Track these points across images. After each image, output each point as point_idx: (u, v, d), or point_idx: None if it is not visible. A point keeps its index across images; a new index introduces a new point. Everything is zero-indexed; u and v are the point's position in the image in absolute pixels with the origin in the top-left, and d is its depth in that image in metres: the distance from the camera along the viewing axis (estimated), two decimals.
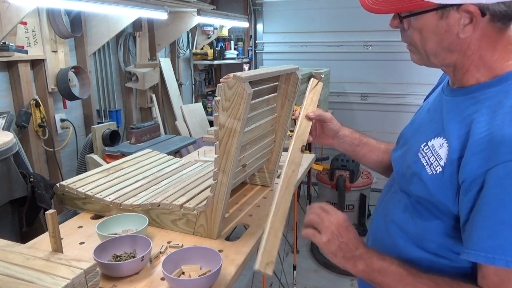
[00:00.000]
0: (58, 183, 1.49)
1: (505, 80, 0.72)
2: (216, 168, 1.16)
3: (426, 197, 0.79)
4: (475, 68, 0.75)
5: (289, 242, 3.09)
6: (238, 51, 4.73)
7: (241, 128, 1.10)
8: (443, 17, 0.72)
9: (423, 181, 0.79)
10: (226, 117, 1.09)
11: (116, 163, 1.72)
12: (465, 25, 0.71)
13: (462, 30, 0.71)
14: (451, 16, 0.71)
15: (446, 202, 0.75)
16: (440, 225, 0.79)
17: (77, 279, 0.80)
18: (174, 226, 1.30)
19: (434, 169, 0.77)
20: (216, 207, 1.21)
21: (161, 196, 1.36)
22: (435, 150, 0.78)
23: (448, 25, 0.72)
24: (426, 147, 0.81)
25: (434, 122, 0.83)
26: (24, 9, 2.06)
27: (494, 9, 0.69)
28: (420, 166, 0.80)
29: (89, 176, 1.57)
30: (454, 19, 0.71)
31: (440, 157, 0.76)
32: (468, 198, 0.69)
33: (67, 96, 2.61)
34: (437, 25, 0.73)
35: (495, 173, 0.65)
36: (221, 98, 1.08)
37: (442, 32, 0.73)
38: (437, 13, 0.72)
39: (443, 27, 0.73)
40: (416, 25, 0.76)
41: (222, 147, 1.13)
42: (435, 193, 0.77)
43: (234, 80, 1.05)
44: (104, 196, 1.41)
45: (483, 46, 0.73)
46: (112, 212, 1.38)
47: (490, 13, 0.70)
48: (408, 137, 0.94)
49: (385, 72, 4.10)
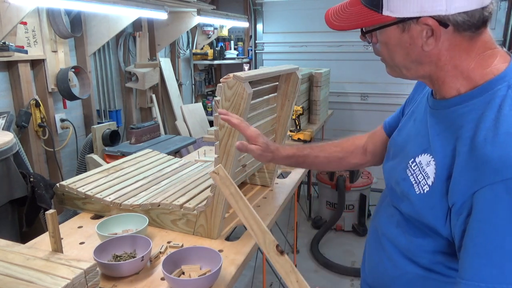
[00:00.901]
0: (58, 183, 1.49)
1: (486, 90, 0.68)
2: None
3: (415, 216, 0.78)
4: (452, 78, 0.72)
5: (289, 242, 3.09)
6: (238, 51, 4.73)
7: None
8: (404, 30, 0.70)
9: (411, 201, 0.77)
10: None
11: (116, 163, 1.73)
12: (427, 37, 0.69)
13: (425, 42, 0.69)
14: (413, 29, 0.69)
15: (435, 224, 0.73)
16: (432, 243, 0.77)
17: (77, 279, 0.80)
18: (174, 226, 1.30)
19: (422, 188, 0.75)
20: (216, 207, 1.21)
21: (161, 196, 1.36)
22: (423, 168, 0.76)
23: (412, 38, 0.70)
24: (414, 164, 0.79)
25: (420, 136, 0.81)
26: (24, 9, 2.06)
27: (456, 20, 0.66)
28: (409, 185, 0.79)
29: (89, 176, 1.57)
30: (416, 32, 0.69)
31: (428, 176, 0.74)
32: (460, 222, 0.67)
33: (67, 96, 2.61)
34: (401, 39, 0.71)
35: (482, 196, 0.62)
36: (221, 98, 1.08)
37: (407, 45, 0.72)
38: (398, 27, 0.70)
39: (406, 40, 0.71)
40: (381, 39, 0.75)
41: (222, 147, 1.13)
42: (423, 214, 0.75)
43: (234, 80, 1.05)
44: (104, 196, 1.41)
45: (455, 56, 0.70)
46: (112, 212, 1.38)
47: (453, 24, 0.67)
48: (397, 149, 0.91)
49: (385, 72, 4.07)
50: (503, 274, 0.60)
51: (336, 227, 3.41)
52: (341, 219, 3.32)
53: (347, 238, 3.35)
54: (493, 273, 0.61)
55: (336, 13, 0.78)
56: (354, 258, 3.04)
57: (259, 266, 2.52)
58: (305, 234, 3.40)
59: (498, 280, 0.61)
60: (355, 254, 3.10)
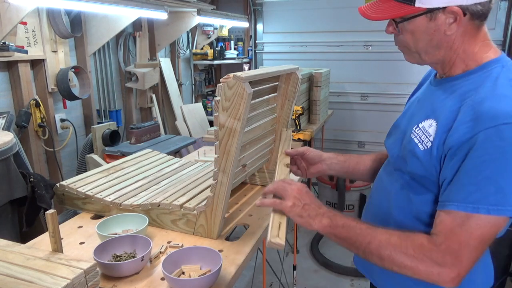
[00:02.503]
0: (58, 183, 1.49)
1: (485, 68, 0.87)
2: (216, 168, 1.16)
3: (420, 172, 0.90)
4: (461, 60, 0.89)
5: (289, 242, 3.10)
6: (238, 51, 4.73)
7: (241, 128, 1.10)
8: (431, 19, 0.86)
9: (417, 157, 0.90)
10: (226, 117, 1.09)
11: (116, 163, 1.73)
12: (450, 24, 0.85)
13: (448, 28, 0.85)
14: (439, 18, 0.85)
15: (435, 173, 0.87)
16: (432, 197, 0.90)
17: (77, 279, 0.80)
18: (174, 226, 1.30)
19: (425, 145, 0.89)
20: (216, 207, 1.21)
21: (161, 196, 1.36)
22: (426, 130, 0.90)
23: (437, 25, 0.86)
24: (417, 129, 0.93)
25: (424, 108, 0.96)
26: (24, 9, 2.06)
27: (473, 9, 0.83)
28: (413, 145, 0.92)
29: (89, 176, 1.57)
30: (441, 20, 0.85)
31: (430, 134, 0.88)
32: (454, 162, 0.81)
33: (67, 96, 2.61)
34: (427, 26, 0.87)
35: (477, 139, 0.77)
36: (221, 98, 1.08)
37: (432, 32, 0.87)
38: (427, 16, 0.86)
39: (432, 28, 0.86)
40: (409, 28, 0.89)
41: (222, 147, 1.13)
42: (427, 166, 0.88)
43: (234, 80, 1.05)
44: (104, 196, 1.41)
45: (465, 41, 0.88)
46: (112, 212, 1.38)
47: (470, 13, 0.84)
48: (401, 125, 1.04)
49: (385, 72, 4.11)
50: (486, 198, 0.76)
51: None
52: None
53: None
54: (479, 197, 0.77)
55: (370, 8, 0.92)
56: None
57: (259, 266, 2.52)
58: (305, 234, 3.40)
59: (481, 202, 0.77)
60: None
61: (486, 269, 0.99)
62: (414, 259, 0.82)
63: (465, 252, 0.78)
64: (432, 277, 0.80)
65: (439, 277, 0.80)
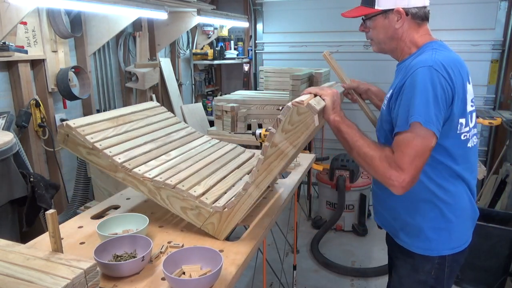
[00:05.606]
0: (64, 122, 1.37)
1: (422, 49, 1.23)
2: (252, 180, 1.16)
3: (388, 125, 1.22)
4: (408, 47, 1.27)
5: (289, 242, 3.09)
6: (238, 51, 4.73)
7: (293, 155, 1.10)
8: (386, 17, 1.24)
9: (383, 114, 1.26)
10: (282, 139, 1.09)
11: (124, 112, 1.60)
12: (397, 21, 1.23)
13: (396, 23, 1.24)
14: (391, 16, 1.24)
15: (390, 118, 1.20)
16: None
17: (77, 279, 0.80)
18: (182, 213, 1.27)
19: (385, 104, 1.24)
20: (235, 214, 1.21)
21: (173, 174, 1.31)
22: (387, 97, 1.24)
23: (390, 22, 1.25)
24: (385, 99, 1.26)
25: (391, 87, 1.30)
26: (24, 9, 2.06)
27: (411, 11, 1.22)
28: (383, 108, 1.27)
29: (97, 122, 1.44)
30: (392, 18, 1.24)
31: (387, 97, 1.24)
32: (398, 102, 1.15)
33: (67, 96, 2.61)
34: (384, 23, 1.26)
35: (406, 82, 1.13)
36: (285, 120, 1.07)
37: (387, 27, 1.26)
38: (383, 15, 1.25)
39: (387, 24, 1.25)
40: (372, 25, 1.28)
41: (266, 164, 1.13)
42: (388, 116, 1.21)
43: (307, 109, 1.05)
44: (113, 154, 1.32)
45: (410, 33, 1.25)
46: (118, 174, 1.31)
47: (411, 13, 1.22)
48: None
49: (385, 72, 4.10)
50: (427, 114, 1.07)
51: (336, 227, 3.41)
52: (341, 219, 3.32)
53: (347, 238, 3.35)
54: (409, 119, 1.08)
55: (349, 12, 1.33)
56: (354, 258, 3.04)
57: (259, 266, 2.52)
58: (305, 234, 3.40)
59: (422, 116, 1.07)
60: (355, 254, 3.10)
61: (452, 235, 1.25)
62: (381, 160, 1.12)
63: (406, 159, 1.07)
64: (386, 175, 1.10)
65: (390, 178, 1.09)
